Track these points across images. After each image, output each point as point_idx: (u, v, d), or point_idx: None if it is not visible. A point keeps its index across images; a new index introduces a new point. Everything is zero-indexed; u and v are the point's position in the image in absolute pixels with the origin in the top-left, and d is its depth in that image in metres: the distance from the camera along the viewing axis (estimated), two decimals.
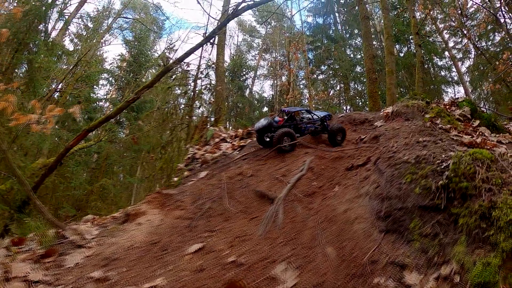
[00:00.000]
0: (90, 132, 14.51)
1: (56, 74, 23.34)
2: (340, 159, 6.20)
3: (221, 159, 8.46)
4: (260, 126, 7.85)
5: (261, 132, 7.92)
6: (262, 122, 7.96)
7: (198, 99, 16.89)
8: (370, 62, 15.36)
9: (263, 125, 7.81)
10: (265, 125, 7.79)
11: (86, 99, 28.11)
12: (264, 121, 7.98)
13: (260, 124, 7.95)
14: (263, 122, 7.93)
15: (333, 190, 4.97)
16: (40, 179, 12.79)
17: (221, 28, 15.78)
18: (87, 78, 27.24)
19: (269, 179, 5.95)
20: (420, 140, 5.11)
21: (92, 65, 27.58)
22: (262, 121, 8.01)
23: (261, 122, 8.01)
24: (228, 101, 25.45)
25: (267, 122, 7.83)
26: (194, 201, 5.87)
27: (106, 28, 26.86)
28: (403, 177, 4.23)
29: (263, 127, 7.82)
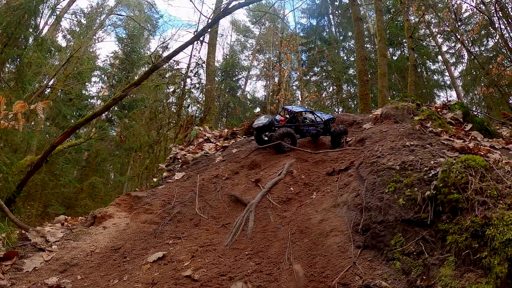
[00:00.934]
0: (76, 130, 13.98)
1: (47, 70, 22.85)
2: (323, 163, 5.67)
3: (202, 160, 7.94)
4: (260, 124, 7.20)
5: (261, 130, 7.32)
6: (262, 120, 7.31)
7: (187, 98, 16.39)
8: (362, 63, 14.87)
9: (264, 124, 7.18)
10: (266, 123, 7.17)
11: (78, 96, 27.65)
12: (264, 119, 7.34)
13: (260, 122, 7.28)
14: (263, 120, 7.28)
15: (310, 197, 4.44)
16: (26, 176, 12.30)
17: (211, 26, 15.25)
18: (79, 75, 26.77)
19: (245, 182, 5.43)
20: (407, 144, 4.59)
21: (84, 62, 27.09)
22: (263, 119, 7.35)
23: (261, 120, 7.35)
24: (220, 101, 24.93)
25: (268, 121, 7.20)
26: (164, 205, 5.39)
27: (98, 24, 26.25)
28: (386, 186, 3.71)
29: (263, 126, 7.18)
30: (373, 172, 3.98)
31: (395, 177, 3.74)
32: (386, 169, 3.91)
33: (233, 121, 23.10)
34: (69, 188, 24.05)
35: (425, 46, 23.13)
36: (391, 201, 3.51)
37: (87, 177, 25.90)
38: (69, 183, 23.90)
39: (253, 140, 8.36)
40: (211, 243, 4.16)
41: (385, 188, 3.68)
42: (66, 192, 23.92)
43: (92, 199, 24.99)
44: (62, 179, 23.28)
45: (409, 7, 18.87)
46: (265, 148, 6.85)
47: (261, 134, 7.42)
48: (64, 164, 24.21)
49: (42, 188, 22.90)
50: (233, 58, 28.58)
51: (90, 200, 24.74)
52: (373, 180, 3.86)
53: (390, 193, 3.59)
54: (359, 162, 4.69)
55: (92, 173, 26.62)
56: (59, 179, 23.25)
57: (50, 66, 23.32)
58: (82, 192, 25.14)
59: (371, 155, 4.49)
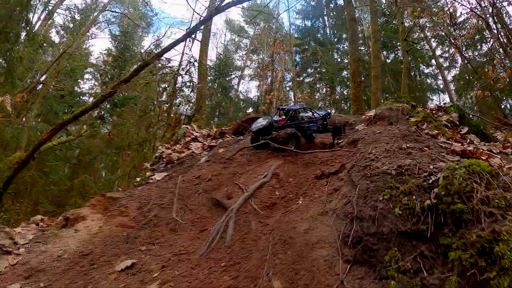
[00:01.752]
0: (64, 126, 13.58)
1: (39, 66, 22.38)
2: (312, 165, 5.22)
3: (188, 160, 7.47)
4: (260, 127, 6.43)
5: (260, 133, 6.51)
6: (261, 122, 6.56)
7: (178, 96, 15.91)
8: (355, 65, 14.49)
9: (263, 126, 6.43)
10: (266, 125, 6.43)
11: (70, 93, 27.16)
12: (263, 121, 6.61)
13: (259, 124, 6.52)
14: (262, 122, 6.53)
15: (297, 203, 3.99)
16: (13, 173, 11.88)
17: (203, 23, 14.81)
18: (72, 71, 26.34)
19: (229, 184, 4.97)
20: (403, 147, 4.16)
21: (77, 59, 26.64)
22: (261, 121, 6.61)
23: (259, 122, 6.60)
24: (212, 100, 24.45)
25: (268, 122, 6.47)
26: (140, 207, 4.91)
27: (91, 20, 25.66)
28: (380, 193, 3.27)
29: (263, 128, 6.42)
30: (366, 177, 3.53)
31: (391, 183, 3.30)
32: (380, 174, 3.46)
33: (225, 120, 22.64)
34: (59, 186, 23.66)
35: (419, 49, 22.89)
36: (386, 210, 3.07)
37: (77, 175, 25.47)
38: (59, 181, 23.50)
39: (241, 140, 7.92)
40: (186, 251, 3.71)
41: (379, 195, 3.24)
42: (56, 190, 23.51)
43: (82, 197, 24.56)
44: (52, 177, 22.89)
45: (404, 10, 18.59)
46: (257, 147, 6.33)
47: (260, 137, 6.57)
48: (54, 161, 23.79)
49: (31, 186, 22.47)
50: (227, 58, 28.10)
51: (80, 198, 24.33)
52: (366, 186, 3.42)
53: (385, 201, 3.15)
54: (351, 165, 4.25)
55: (83, 171, 26.18)
56: (49, 176, 22.83)
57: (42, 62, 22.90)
58: (72, 190, 24.70)
59: (364, 158, 4.05)
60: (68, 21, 27.12)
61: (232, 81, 27.97)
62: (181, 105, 17.20)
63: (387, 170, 3.50)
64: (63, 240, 4.61)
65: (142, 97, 19.78)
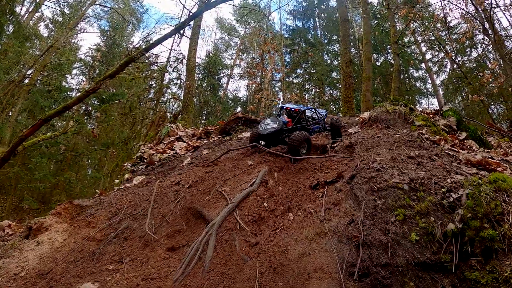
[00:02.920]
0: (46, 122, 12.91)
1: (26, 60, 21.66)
2: (305, 172, 4.59)
3: (170, 161, 6.79)
4: (272, 130, 5.26)
5: (270, 138, 5.46)
6: (271, 125, 5.33)
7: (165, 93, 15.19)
8: (347, 66, 13.94)
9: (276, 129, 5.24)
10: (278, 129, 5.25)
11: (57, 88, 26.36)
12: (273, 123, 5.35)
13: (270, 127, 5.32)
14: (273, 125, 5.30)
15: (288, 217, 3.35)
16: None
17: (192, 19, 14.13)
18: (59, 66, 25.62)
19: (211, 192, 4.31)
20: (412, 155, 3.57)
21: (65, 53, 25.89)
22: (271, 123, 5.36)
23: (269, 125, 5.36)
24: (200, 99, 23.70)
25: (280, 125, 5.28)
26: (111, 217, 4.24)
27: (79, 14, 24.67)
28: (392, 212, 2.67)
29: (276, 132, 5.25)
30: (373, 191, 2.93)
31: (403, 200, 2.71)
32: (390, 188, 2.86)
33: (212, 119, 21.94)
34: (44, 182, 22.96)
35: (409, 53, 22.59)
36: (399, 236, 2.47)
37: (63, 172, 24.74)
38: (44, 178, 22.80)
39: (228, 141, 7.27)
40: (158, 275, 3.07)
41: (390, 215, 2.64)
42: (41, 186, 22.78)
43: (68, 194, 23.91)
44: (36, 173, 22.19)
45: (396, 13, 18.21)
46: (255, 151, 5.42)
47: (270, 143, 5.66)
48: (40, 158, 23.11)
49: (15, 182, 21.76)
50: (216, 56, 27.38)
51: (64, 195, 23.67)
52: (373, 202, 2.81)
53: (398, 223, 2.55)
54: (350, 175, 3.64)
55: (68, 168, 25.44)
56: (34, 173, 22.15)
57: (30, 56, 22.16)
58: (57, 187, 23.98)
59: (367, 167, 3.45)
60: (58, 14, 26.29)
61: (221, 80, 27.28)
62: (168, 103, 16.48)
63: (397, 183, 2.90)
64: (23, 254, 3.96)
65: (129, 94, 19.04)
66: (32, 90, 22.62)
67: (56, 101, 24.52)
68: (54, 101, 24.38)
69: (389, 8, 17.66)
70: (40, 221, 4.47)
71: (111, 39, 27.80)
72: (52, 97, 24.81)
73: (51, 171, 24.90)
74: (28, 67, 21.25)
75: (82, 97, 12.49)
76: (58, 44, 21.82)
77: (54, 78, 24.74)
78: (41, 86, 24.75)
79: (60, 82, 26.62)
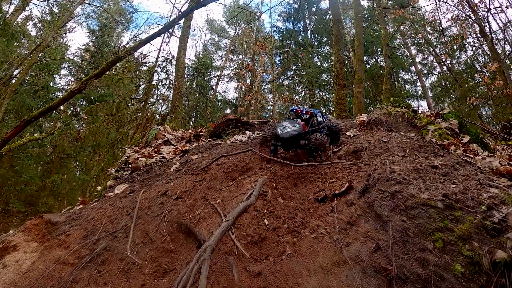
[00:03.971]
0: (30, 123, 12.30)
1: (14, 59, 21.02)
2: (307, 181, 4.03)
3: (156, 167, 6.16)
4: (295, 133, 4.76)
5: (291, 142, 4.89)
6: (292, 128, 4.81)
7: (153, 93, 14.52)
8: (339, 67, 13.46)
9: (298, 133, 4.76)
10: (300, 132, 4.77)
11: (44, 88, 25.68)
12: (293, 126, 4.83)
13: (291, 130, 4.80)
14: (294, 128, 4.79)
15: (295, 238, 2.79)
16: None
17: (182, 18, 13.57)
18: (47, 66, 24.93)
19: (202, 204, 3.72)
20: (435, 164, 3.04)
21: (53, 52, 25.18)
22: (291, 127, 4.83)
23: (290, 128, 4.83)
24: (189, 100, 23.03)
25: (301, 129, 4.80)
26: (87, 236, 3.61)
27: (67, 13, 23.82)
28: (427, 237, 2.13)
29: (298, 135, 4.78)
30: (400, 210, 2.38)
31: (439, 221, 2.17)
32: (421, 206, 2.32)
33: (202, 121, 21.31)
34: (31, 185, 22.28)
35: (399, 55, 22.36)
36: (441, 268, 1.93)
37: (50, 174, 24.00)
38: (30, 180, 22.08)
39: (219, 145, 6.67)
40: None
41: (426, 241, 2.10)
42: (28, 189, 22.04)
43: (55, 197, 23.17)
44: (23, 176, 21.46)
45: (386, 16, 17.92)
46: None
47: (289, 148, 5.14)
48: (26, 159, 22.38)
49: (1, 185, 21.07)
50: (206, 57, 26.73)
51: (52, 198, 22.93)
52: (403, 224, 2.27)
53: (437, 251, 2.01)
54: (363, 186, 3.11)
55: (56, 170, 24.68)
56: (20, 175, 21.44)
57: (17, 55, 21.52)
58: (44, 190, 23.24)
59: (384, 177, 2.91)
60: (46, 13, 25.61)
61: (210, 81, 26.67)
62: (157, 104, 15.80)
63: (429, 200, 2.36)
64: None
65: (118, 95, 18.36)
66: (18, 90, 21.94)
67: (44, 101, 23.82)
68: (42, 102, 23.66)
69: (380, 10, 17.35)
70: (7, 240, 3.80)
71: (100, 39, 27.03)
72: (39, 98, 24.18)
73: (38, 173, 24.20)
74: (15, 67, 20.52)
75: (67, 97, 11.86)
76: (46, 43, 21.07)
77: (42, 78, 24.08)
78: (28, 86, 24.11)
79: (48, 82, 25.93)
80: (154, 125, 9.45)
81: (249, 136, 7.36)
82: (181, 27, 16.75)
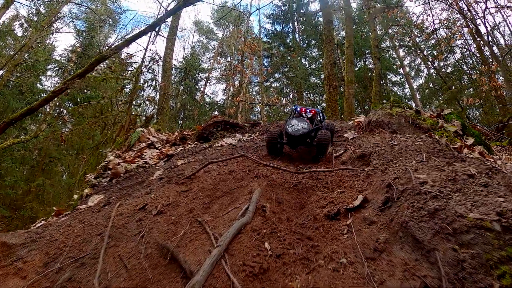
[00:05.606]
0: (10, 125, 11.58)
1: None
2: (310, 191, 3.42)
3: (138, 173, 5.44)
4: (305, 131, 4.77)
5: (300, 140, 4.88)
6: (302, 126, 4.83)
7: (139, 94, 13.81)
8: (331, 68, 12.95)
9: (308, 130, 4.78)
10: (309, 129, 4.80)
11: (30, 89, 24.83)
12: (302, 123, 4.85)
13: (301, 127, 4.81)
14: (303, 126, 4.82)
15: (306, 270, 2.17)
16: None
17: (168, 16, 12.93)
18: (33, 67, 24.11)
19: (188, 222, 3.07)
20: (472, 173, 2.46)
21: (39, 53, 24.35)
22: (301, 124, 4.85)
23: (299, 125, 4.84)
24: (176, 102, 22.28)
25: (309, 126, 4.84)
26: (48, 262, 2.89)
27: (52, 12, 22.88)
28: (489, 272, 1.54)
29: (307, 132, 4.78)
30: (446, 235, 1.79)
31: (501, 248, 1.60)
32: (473, 230, 1.74)
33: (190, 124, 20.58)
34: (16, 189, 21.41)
35: (388, 58, 22.08)
36: None
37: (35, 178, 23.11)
38: (15, 184, 21.20)
39: (207, 149, 6.02)
40: None
41: (490, 277, 1.52)
42: (13, 193, 21.17)
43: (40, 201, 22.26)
44: (7, 179, 20.58)
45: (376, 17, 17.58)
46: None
47: (296, 146, 5.14)
48: (11, 163, 21.48)
49: None
50: (194, 58, 26.02)
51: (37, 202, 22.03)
52: (454, 255, 1.67)
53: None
54: (383, 199, 2.53)
55: (41, 174, 23.76)
56: (5, 179, 20.56)
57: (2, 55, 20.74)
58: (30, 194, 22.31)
59: (413, 189, 2.33)
60: (33, 13, 24.83)
61: (198, 83, 25.94)
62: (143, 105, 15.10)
63: (482, 221, 1.78)
64: None
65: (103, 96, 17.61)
66: (3, 91, 21.15)
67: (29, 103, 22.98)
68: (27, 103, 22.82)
69: (370, 12, 16.99)
70: None
71: (87, 40, 26.13)
72: (24, 99, 23.32)
73: (23, 176, 23.27)
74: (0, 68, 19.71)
75: (49, 98, 11.25)
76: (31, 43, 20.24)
77: (27, 79, 23.24)
78: (13, 88, 23.24)
79: (34, 84, 25.01)
80: (138, 127, 8.73)
81: (240, 139, 6.73)
82: (168, 26, 16.06)
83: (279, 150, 5.14)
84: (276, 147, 5.09)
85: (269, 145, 5.10)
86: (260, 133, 7.24)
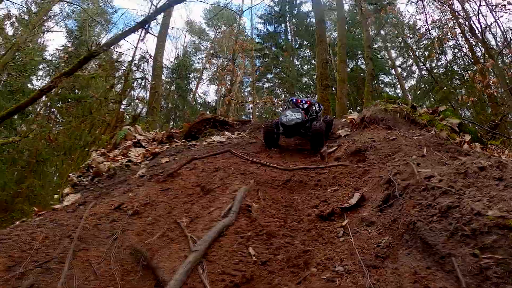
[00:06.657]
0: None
1: None
2: (301, 189, 3.10)
3: (121, 172, 5.07)
4: (299, 121, 4.86)
5: (294, 129, 4.96)
6: (295, 116, 4.93)
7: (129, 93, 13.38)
8: (323, 67, 12.68)
9: (301, 120, 4.88)
10: (303, 119, 4.91)
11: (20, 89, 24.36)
12: (296, 114, 4.96)
13: (294, 117, 4.89)
14: (297, 116, 4.92)
15: (297, 278, 1.84)
16: None
17: (159, 13, 12.55)
18: (23, 67, 23.67)
19: (166, 223, 2.72)
20: (483, 165, 2.15)
21: (30, 53, 23.89)
22: (295, 115, 4.95)
23: (293, 116, 4.94)
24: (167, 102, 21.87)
25: (303, 116, 4.95)
26: (11, 266, 2.50)
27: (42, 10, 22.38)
28: None
29: (301, 122, 4.88)
30: (463, 237, 1.47)
31: None
32: (494, 230, 1.43)
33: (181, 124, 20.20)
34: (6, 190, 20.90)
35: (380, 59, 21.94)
36: None
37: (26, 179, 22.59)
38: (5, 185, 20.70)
39: (194, 146, 5.68)
40: None
41: None
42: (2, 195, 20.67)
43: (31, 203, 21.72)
44: None
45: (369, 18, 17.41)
46: None
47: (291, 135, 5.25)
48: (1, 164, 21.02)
49: None
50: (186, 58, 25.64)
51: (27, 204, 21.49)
52: (475, 261, 1.35)
53: None
54: (383, 196, 2.22)
55: (32, 175, 23.24)
56: None
57: None
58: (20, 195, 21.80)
59: (418, 185, 2.02)
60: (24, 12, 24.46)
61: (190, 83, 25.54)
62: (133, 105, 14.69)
63: (505, 220, 1.47)
64: None
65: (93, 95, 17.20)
66: None
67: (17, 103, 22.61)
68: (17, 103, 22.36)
69: (362, 13, 16.81)
70: None
71: (78, 39, 25.65)
72: (14, 99, 22.90)
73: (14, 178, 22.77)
74: None
75: (36, 96, 10.85)
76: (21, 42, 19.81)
77: (17, 79, 22.79)
78: (4, 88, 22.79)
79: (24, 84, 24.52)
80: (124, 125, 8.36)
81: (228, 136, 6.40)
82: (159, 24, 15.70)
83: (275, 140, 5.17)
84: (272, 137, 5.11)
85: (266, 135, 5.12)
86: (250, 131, 6.92)
